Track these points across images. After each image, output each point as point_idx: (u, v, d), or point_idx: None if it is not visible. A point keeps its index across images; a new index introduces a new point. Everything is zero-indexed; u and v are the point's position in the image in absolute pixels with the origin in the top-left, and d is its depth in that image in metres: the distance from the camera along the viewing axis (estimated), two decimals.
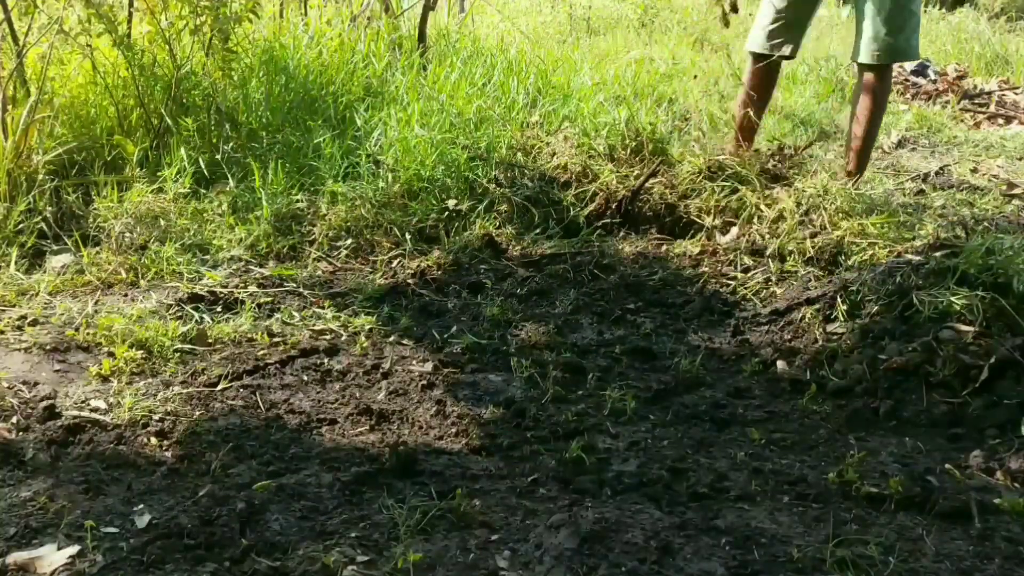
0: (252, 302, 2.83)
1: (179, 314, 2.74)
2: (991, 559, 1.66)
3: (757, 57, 3.86)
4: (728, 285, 3.08)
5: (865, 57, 3.61)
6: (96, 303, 2.80)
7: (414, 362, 2.54)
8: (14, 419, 2.13)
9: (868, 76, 3.68)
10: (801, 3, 3.78)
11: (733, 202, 3.43)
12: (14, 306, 2.77)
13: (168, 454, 2.03)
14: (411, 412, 2.26)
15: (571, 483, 1.94)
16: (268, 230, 3.33)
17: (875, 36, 3.58)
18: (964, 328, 2.38)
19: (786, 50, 3.80)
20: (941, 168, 4.56)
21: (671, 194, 3.56)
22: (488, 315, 2.86)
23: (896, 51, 3.60)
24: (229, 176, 3.61)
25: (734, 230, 3.35)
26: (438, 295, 3.02)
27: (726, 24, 4.28)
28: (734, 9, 4.17)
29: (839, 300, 2.66)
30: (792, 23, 3.77)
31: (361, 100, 4.28)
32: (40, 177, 3.32)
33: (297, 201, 3.50)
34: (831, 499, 1.87)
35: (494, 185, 3.62)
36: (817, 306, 2.71)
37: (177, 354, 2.50)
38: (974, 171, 4.51)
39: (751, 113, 3.83)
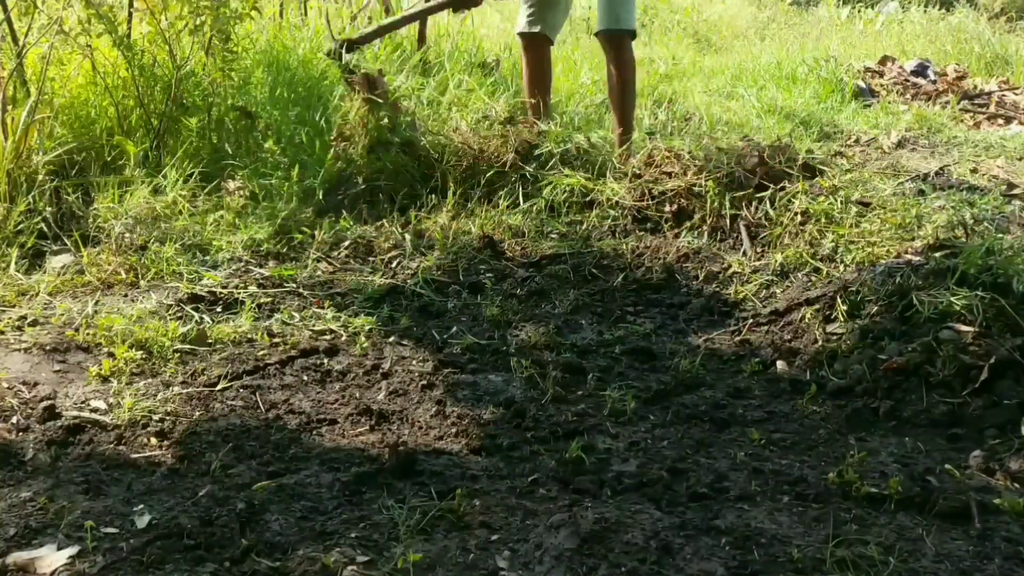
0: (252, 302, 2.83)
1: (179, 314, 2.74)
2: (991, 559, 1.66)
3: (522, 37, 4.32)
4: (728, 285, 3.08)
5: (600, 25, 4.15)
6: (96, 303, 2.80)
7: (414, 362, 2.54)
8: (14, 419, 2.13)
9: (609, 47, 4.18)
10: None
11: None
12: (14, 306, 2.77)
13: (168, 454, 2.03)
14: (411, 412, 2.26)
15: (571, 483, 1.94)
16: (269, 230, 3.33)
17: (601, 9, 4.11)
18: (964, 328, 2.38)
19: (536, 28, 4.22)
20: (941, 168, 4.56)
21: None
22: (488, 315, 2.86)
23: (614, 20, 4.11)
24: (230, 176, 3.61)
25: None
26: (438, 295, 3.02)
27: None
28: None
29: (839, 300, 2.67)
30: (544, 5, 4.23)
31: None
32: (40, 177, 3.32)
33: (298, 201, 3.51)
34: (831, 499, 1.87)
35: None
36: (817, 306, 2.71)
37: (177, 354, 2.50)
38: (974, 171, 4.51)
39: (533, 92, 4.29)
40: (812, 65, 6.78)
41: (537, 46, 4.30)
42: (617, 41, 4.14)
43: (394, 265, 3.23)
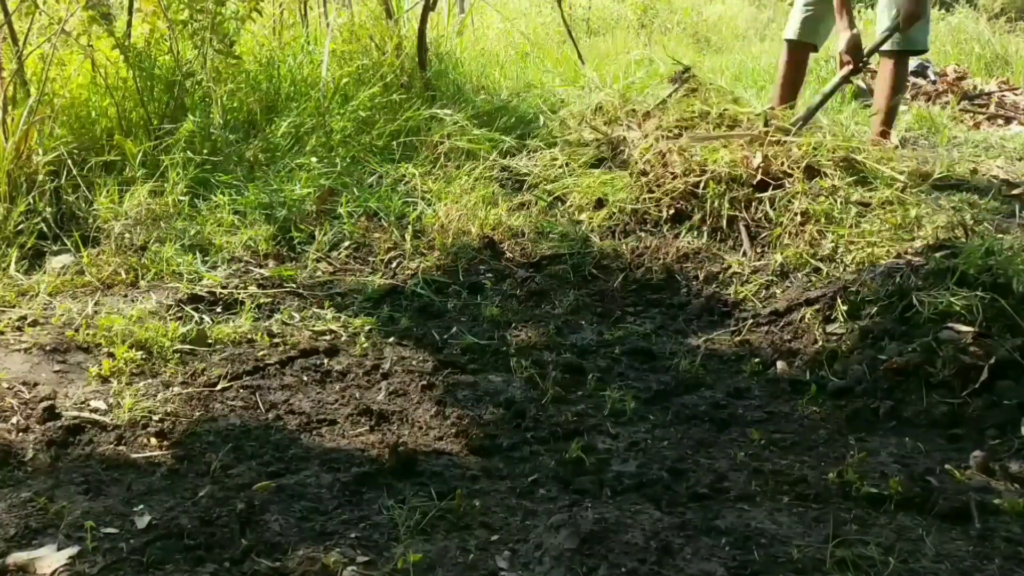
0: (252, 303, 2.83)
1: (179, 315, 2.74)
2: (991, 559, 1.66)
3: (789, 44, 4.59)
4: (728, 285, 3.08)
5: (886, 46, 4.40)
6: (96, 304, 2.80)
7: (414, 362, 2.54)
8: (14, 419, 2.13)
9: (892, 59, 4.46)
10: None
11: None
12: (14, 307, 2.77)
13: (168, 454, 2.03)
14: (411, 412, 2.26)
15: (571, 483, 1.94)
16: (269, 231, 3.33)
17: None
18: (964, 328, 2.38)
19: (808, 39, 4.51)
20: (941, 168, 4.55)
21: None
22: (487, 316, 2.86)
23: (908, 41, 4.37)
24: (231, 177, 3.61)
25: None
26: (438, 296, 3.02)
27: None
28: None
29: (839, 301, 2.67)
30: (818, 19, 4.48)
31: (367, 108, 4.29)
32: (40, 178, 3.32)
33: (301, 202, 3.50)
34: (831, 499, 1.87)
35: None
36: (817, 307, 2.71)
37: (177, 355, 2.50)
38: (974, 171, 4.51)
39: (784, 97, 4.51)
40: (812, 65, 6.77)
41: (802, 53, 4.53)
42: (902, 56, 4.40)
43: (394, 265, 3.23)
